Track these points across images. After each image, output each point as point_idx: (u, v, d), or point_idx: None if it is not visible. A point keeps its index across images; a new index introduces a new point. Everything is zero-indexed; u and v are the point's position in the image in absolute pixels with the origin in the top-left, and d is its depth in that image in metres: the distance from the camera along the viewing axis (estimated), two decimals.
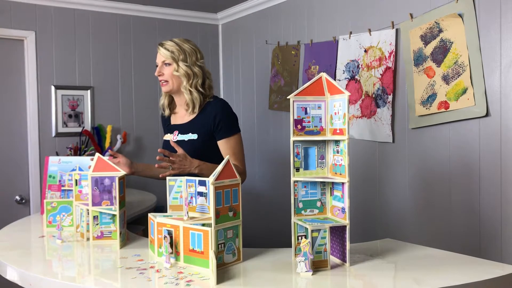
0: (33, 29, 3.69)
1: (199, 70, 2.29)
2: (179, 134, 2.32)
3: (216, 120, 2.24)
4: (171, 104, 2.43)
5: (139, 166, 2.37)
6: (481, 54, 2.44)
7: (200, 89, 2.28)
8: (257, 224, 4.03)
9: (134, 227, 2.93)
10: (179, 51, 2.27)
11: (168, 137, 2.39)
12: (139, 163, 2.43)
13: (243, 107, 4.24)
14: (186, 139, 2.29)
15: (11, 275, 1.66)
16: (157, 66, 2.32)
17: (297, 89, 1.68)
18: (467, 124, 2.53)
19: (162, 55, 2.29)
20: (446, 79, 2.59)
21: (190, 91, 2.27)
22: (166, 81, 2.30)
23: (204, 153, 2.24)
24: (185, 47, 2.29)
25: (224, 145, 2.26)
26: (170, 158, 2.03)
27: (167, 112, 2.43)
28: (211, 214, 1.54)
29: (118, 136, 3.91)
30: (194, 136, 2.27)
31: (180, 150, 2.09)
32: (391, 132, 2.91)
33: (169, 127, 2.43)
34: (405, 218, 2.89)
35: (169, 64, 2.28)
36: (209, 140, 2.27)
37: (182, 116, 2.37)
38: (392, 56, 2.88)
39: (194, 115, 2.31)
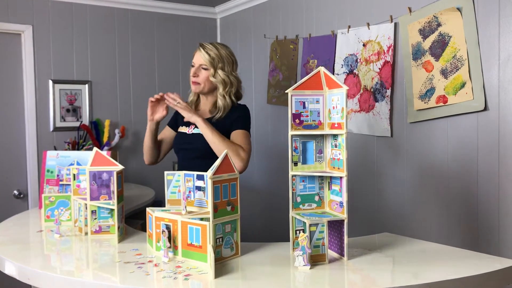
0: (30, 23, 3.67)
1: (235, 79, 2.35)
2: (195, 128, 2.32)
3: (235, 117, 2.30)
4: (197, 101, 2.48)
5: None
6: (480, 48, 2.43)
7: (233, 97, 2.35)
8: (255, 218, 4.04)
9: (133, 222, 2.93)
10: (219, 58, 2.30)
11: (183, 129, 2.40)
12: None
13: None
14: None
15: (10, 270, 1.66)
16: (192, 65, 2.34)
17: (296, 83, 1.68)
18: (465, 118, 2.53)
19: (202, 58, 2.31)
20: (444, 73, 2.58)
21: (224, 97, 2.31)
22: (199, 83, 2.32)
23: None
24: (224, 54, 2.32)
25: (235, 134, 2.27)
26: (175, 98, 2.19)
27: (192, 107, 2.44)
28: (209, 208, 1.54)
29: (116, 131, 3.90)
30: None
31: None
32: (389, 126, 2.91)
33: (185, 121, 2.37)
34: (403, 212, 2.90)
35: (206, 69, 2.30)
36: (225, 135, 2.27)
37: (203, 113, 2.38)
38: (390, 50, 2.87)
39: (217, 116, 2.33)
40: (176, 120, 2.51)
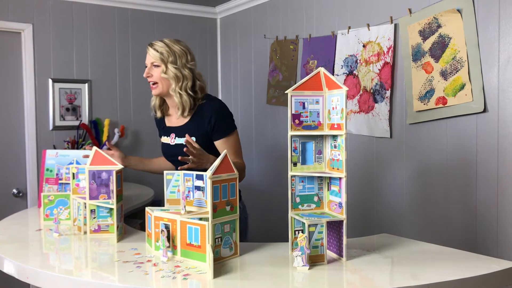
0: (30, 22, 3.67)
1: (189, 73, 2.23)
2: (176, 137, 2.30)
3: (211, 122, 2.20)
4: (163, 106, 2.38)
5: (131, 160, 2.45)
6: (479, 50, 2.44)
7: (190, 92, 2.23)
8: (254, 218, 4.03)
9: (132, 221, 2.93)
10: (168, 53, 2.21)
11: (166, 139, 2.37)
12: (133, 156, 2.49)
13: (241, 102, 4.23)
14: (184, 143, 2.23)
15: (8, 268, 1.66)
16: (146, 67, 2.27)
17: (295, 83, 1.68)
18: (465, 119, 2.54)
19: (151, 56, 2.23)
20: (444, 74, 2.59)
21: (179, 94, 2.21)
22: (156, 83, 2.24)
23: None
24: (175, 48, 2.23)
25: (223, 145, 2.21)
26: (193, 151, 1.99)
27: (159, 113, 2.39)
28: (209, 208, 1.54)
29: (116, 130, 3.90)
30: (192, 139, 2.20)
31: (197, 145, 2.04)
32: (388, 127, 2.91)
33: (164, 129, 2.40)
34: (402, 213, 2.90)
35: (158, 66, 2.22)
36: (207, 141, 2.23)
37: (176, 118, 2.33)
38: (390, 51, 2.88)
39: (188, 118, 2.27)
40: (161, 131, 2.46)
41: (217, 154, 2.23)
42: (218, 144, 2.23)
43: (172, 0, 4.20)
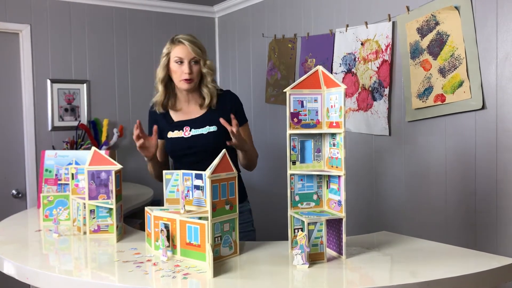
0: (28, 22, 3.66)
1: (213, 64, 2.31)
2: (192, 129, 2.25)
3: (232, 111, 2.24)
4: (167, 102, 2.34)
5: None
6: (478, 47, 2.44)
7: (214, 84, 2.29)
8: (254, 217, 4.03)
9: (131, 221, 2.93)
10: (202, 47, 2.25)
11: (175, 134, 2.28)
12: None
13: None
14: (205, 132, 2.23)
15: (8, 269, 1.66)
16: (178, 62, 2.21)
17: (294, 82, 1.68)
18: (463, 117, 2.54)
19: (193, 52, 2.20)
20: (442, 72, 2.59)
21: (210, 86, 2.26)
22: (193, 79, 2.22)
23: (224, 143, 2.21)
24: (201, 43, 2.28)
25: (242, 133, 2.22)
26: (235, 131, 2.03)
27: (161, 109, 2.32)
28: (208, 207, 1.54)
29: (115, 130, 3.90)
30: (213, 128, 2.23)
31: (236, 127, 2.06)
32: (387, 125, 2.91)
33: (172, 124, 2.31)
34: (401, 211, 2.90)
35: (197, 62, 2.22)
36: (226, 131, 2.20)
37: (190, 111, 2.30)
38: (388, 49, 2.88)
39: (206, 109, 2.28)
40: (159, 125, 2.30)
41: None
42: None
43: (170, 0, 4.20)
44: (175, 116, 2.33)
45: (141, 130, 2.10)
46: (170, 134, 2.29)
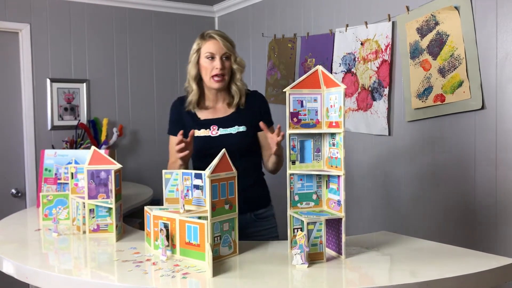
0: (28, 22, 3.66)
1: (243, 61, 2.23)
2: (220, 128, 2.17)
3: (261, 111, 2.21)
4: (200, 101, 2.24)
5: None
6: (477, 47, 2.44)
7: (243, 82, 2.22)
8: None
9: (131, 220, 2.93)
10: (233, 43, 2.17)
11: (202, 133, 2.17)
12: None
13: None
14: (234, 132, 2.16)
15: (8, 268, 1.66)
16: (209, 57, 2.12)
17: (294, 82, 1.68)
18: (463, 117, 2.54)
19: (224, 47, 2.12)
20: (442, 72, 2.59)
21: (240, 84, 2.19)
22: (225, 75, 2.14)
23: (252, 144, 2.19)
24: (230, 38, 2.20)
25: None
26: (280, 140, 1.92)
27: (196, 108, 2.22)
28: (207, 207, 1.54)
29: (114, 129, 3.90)
30: (242, 128, 2.17)
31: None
32: (387, 125, 2.91)
33: (198, 123, 2.19)
34: (401, 211, 2.90)
35: (229, 58, 2.14)
36: (255, 131, 2.19)
37: (217, 110, 2.22)
38: (388, 49, 2.88)
39: (234, 108, 2.20)
40: (182, 126, 2.16)
41: (259, 144, 2.25)
42: (262, 134, 2.19)
43: None
44: (201, 114, 2.23)
45: (181, 140, 1.96)
46: (197, 133, 2.16)
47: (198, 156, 2.18)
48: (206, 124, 2.18)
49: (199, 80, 2.20)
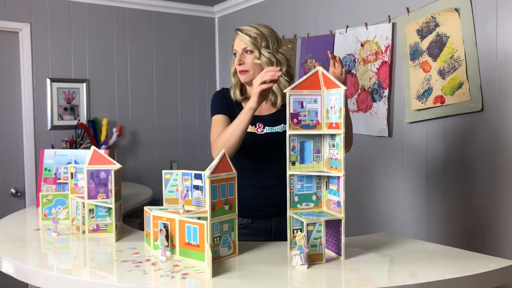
0: (28, 21, 3.66)
1: (283, 57, 2.07)
2: (266, 127, 2.06)
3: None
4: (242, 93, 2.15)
5: None
6: (477, 49, 2.44)
7: (286, 78, 2.06)
8: None
9: (130, 220, 2.93)
10: (261, 37, 2.04)
11: (250, 128, 2.06)
12: None
13: None
14: (280, 131, 2.06)
15: (7, 268, 1.66)
16: (235, 53, 2.09)
17: (294, 83, 1.68)
18: (463, 118, 2.54)
19: (243, 41, 2.04)
20: (442, 73, 2.59)
21: (282, 81, 2.05)
22: (247, 70, 2.05)
23: None
24: (265, 32, 2.07)
25: None
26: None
27: (239, 97, 2.12)
28: (207, 207, 1.54)
29: (114, 129, 3.90)
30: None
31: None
32: (387, 126, 2.92)
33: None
34: (401, 212, 2.90)
35: (251, 52, 2.04)
36: None
37: (262, 107, 2.09)
38: (388, 50, 2.88)
39: (280, 106, 2.08)
40: (232, 110, 2.09)
41: None
42: None
43: (170, 0, 4.20)
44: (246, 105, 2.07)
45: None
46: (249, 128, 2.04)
47: (244, 150, 2.00)
48: (252, 121, 2.02)
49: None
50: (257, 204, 2.06)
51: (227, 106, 2.12)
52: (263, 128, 2.07)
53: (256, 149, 2.05)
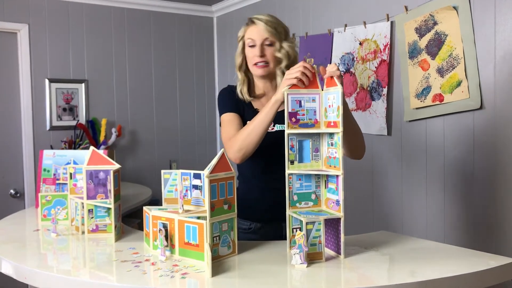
0: (26, 22, 3.66)
1: (297, 52, 1.99)
2: (277, 124, 1.96)
3: None
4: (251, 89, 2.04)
5: None
6: (476, 47, 2.44)
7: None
8: None
9: (129, 221, 2.93)
10: (282, 28, 1.94)
11: None
12: None
13: None
14: None
15: (6, 269, 1.66)
16: (251, 46, 1.95)
17: None
18: (462, 116, 2.54)
19: (266, 33, 1.91)
20: (440, 71, 2.59)
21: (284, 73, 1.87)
22: (268, 63, 1.93)
23: None
24: (282, 23, 1.96)
25: None
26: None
27: (248, 97, 2.01)
28: (206, 207, 1.54)
29: (113, 130, 3.90)
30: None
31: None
32: (385, 125, 2.92)
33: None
34: (400, 210, 2.90)
35: (271, 44, 1.92)
36: None
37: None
38: (387, 49, 2.88)
39: None
40: (240, 108, 1.99)
41: None
42: None
43: None
44: (257, 104, 2.03)
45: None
46: None
47: (258, 149, 1.89)
48: None
49: (245, 69, 2.02)
50: (266, 207, 2.00)
51: (236, 103, 2.01)
52: (273, 126, 1.97)
53: (267, 148, 1.92)
